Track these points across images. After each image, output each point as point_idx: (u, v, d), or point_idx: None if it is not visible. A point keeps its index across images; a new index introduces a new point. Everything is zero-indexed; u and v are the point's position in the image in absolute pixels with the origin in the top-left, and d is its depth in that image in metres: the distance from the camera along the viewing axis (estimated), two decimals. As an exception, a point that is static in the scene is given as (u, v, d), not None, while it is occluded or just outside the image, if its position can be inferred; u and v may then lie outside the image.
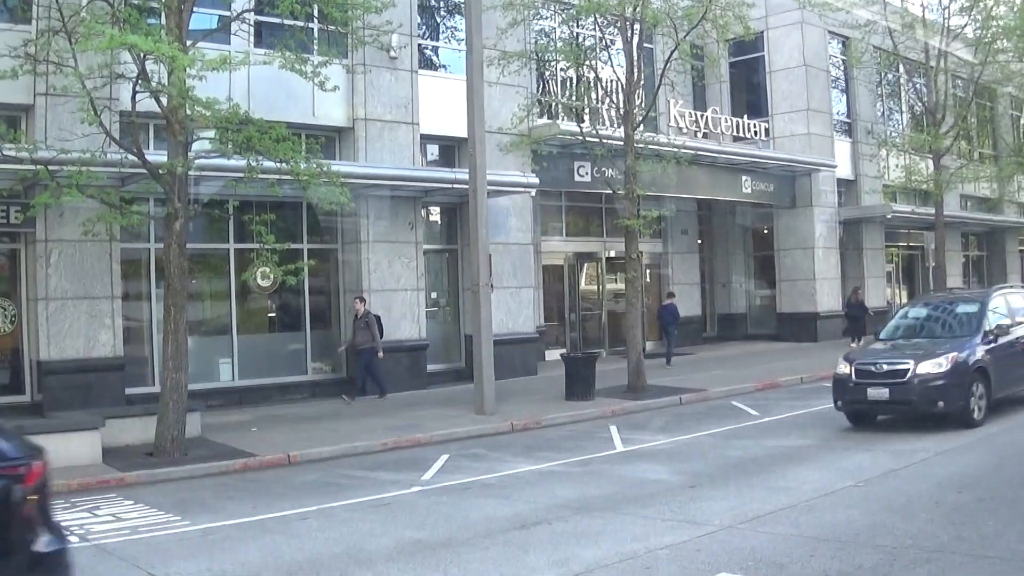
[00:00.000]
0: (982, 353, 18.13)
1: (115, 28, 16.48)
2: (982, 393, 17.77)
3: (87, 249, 21.26)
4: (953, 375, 17.37)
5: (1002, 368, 18.40)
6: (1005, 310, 19.80)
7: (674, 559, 10.18)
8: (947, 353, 17.74)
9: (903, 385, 17.49)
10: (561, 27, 31.65)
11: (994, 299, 20.03)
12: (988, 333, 18.63)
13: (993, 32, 35.85)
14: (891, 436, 17.22)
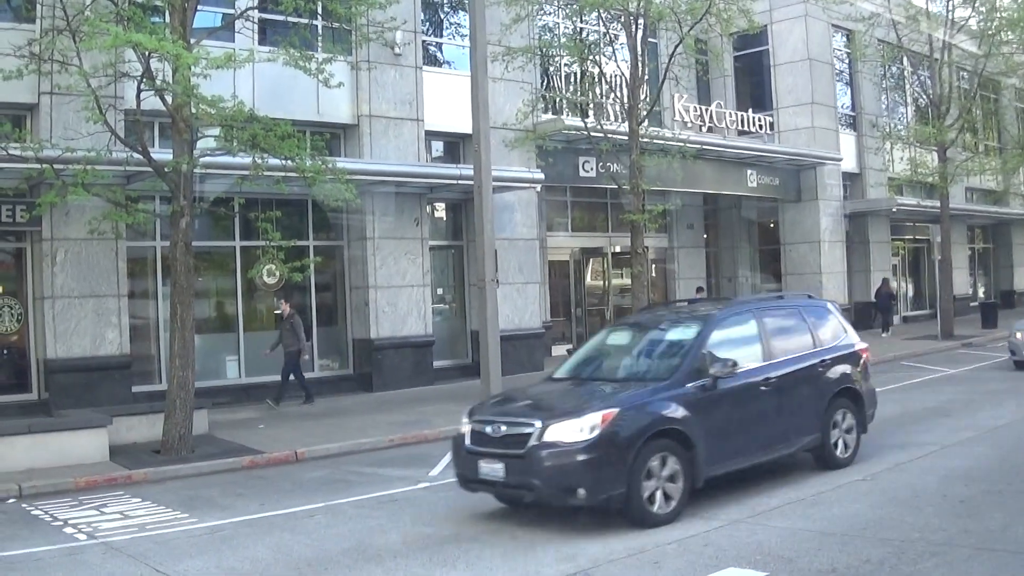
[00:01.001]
0: (678, 407, 11.93)
1: (119, 27, 16.49)
2: (673, 472, 11.66)
3: (93, 248, 21.28)
4: (606, 445, 11.24)
5: (720, 430, 12.34)
6: (745, 337, 13.66)
7: (682, 553, 10.19)
8: (600, 409, 11.57)
9: (522, 460, 11.45)
10: (565, 22, 31.61)
11: (727, 321, 13.78)
12: (701, 375, 12.37)
13: (997, 24, 35.75)
14: (896, 430, 17.18)
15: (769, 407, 13.29)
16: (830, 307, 15.91)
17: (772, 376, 13.39)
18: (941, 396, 21.33)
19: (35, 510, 13.91)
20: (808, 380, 14.02)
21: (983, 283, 52.45)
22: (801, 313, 14.85)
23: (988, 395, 21.09)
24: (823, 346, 14.55)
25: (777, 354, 13.77)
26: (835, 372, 14.47)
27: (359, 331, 26.08)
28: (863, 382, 14.99)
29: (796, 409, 13.66)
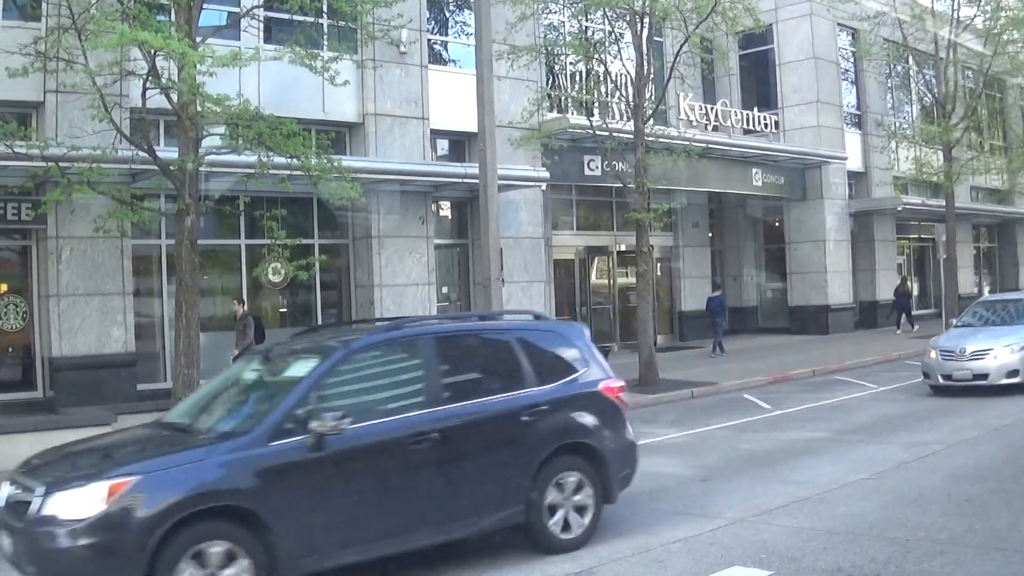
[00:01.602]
0: (243, 475, 8.86)
1: (125, 25, 16.49)
2: (238, 568, 8.59)
3: (98, 246, 21.29)
4: (113, 527, 8.26)
5: (329, 507, 9.23)
6: (399, 375, 10.66)
7: (687, 552, 10.19)
8: (112, 476, 8.55)
9: (21, 536, 8.65)
10: (570, 21, 31.64)
11: (366, 352, 10.36)
12: (297, 430, 9.20)
13: (1002, 23, 35.73)
14: (902, 429, 17.18)
15: (427, 472, 9.81)
16: (567, 332, 12.17)
17: (433, 429, 9.84)
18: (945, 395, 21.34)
19: (41, 508, 13.90)
20: (504, 433, 10.53)
21: (988, 282, 52.36)
22: (512, 341, 11.26)
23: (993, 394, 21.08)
24: (540, 386, 10.89)
25: (453, 398, 10.32)
26: (556, 422, 10.79)
27: (364, 329, 26.04)
28: (609, 435, 11.19)
29: (479, 474, 10.21)
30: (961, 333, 22.41)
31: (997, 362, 20.54)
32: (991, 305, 24.28)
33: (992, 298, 26.75)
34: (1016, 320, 22.27)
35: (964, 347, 21.08)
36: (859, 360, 28.43)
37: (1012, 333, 21.17)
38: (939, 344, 21.91)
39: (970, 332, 22.26)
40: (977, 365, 20.71)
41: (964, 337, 21.85)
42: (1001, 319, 22.74)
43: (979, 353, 20.82)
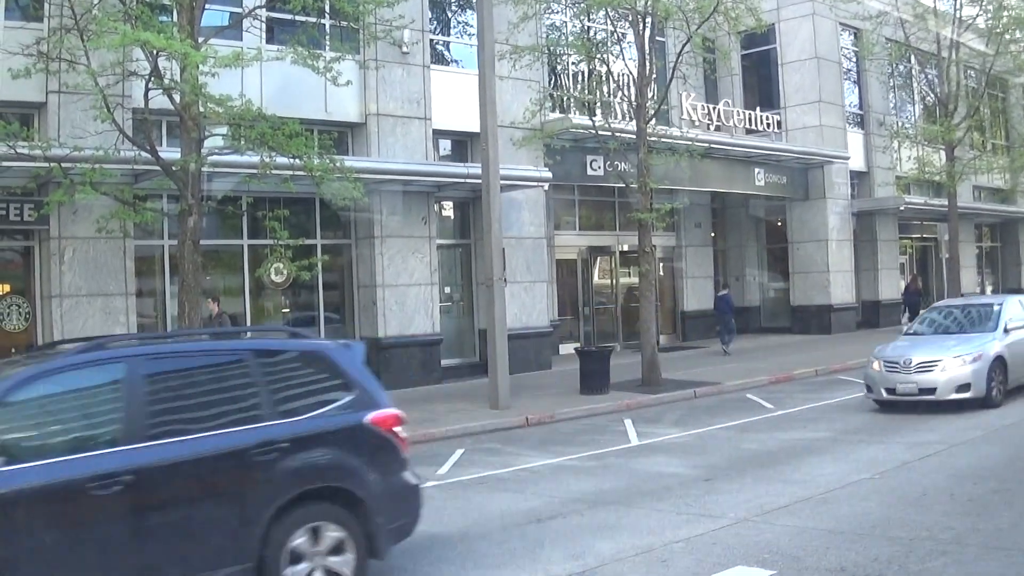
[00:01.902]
0: None
1: (127, 25, 16.51)
2: None
3: (101, 246, 21.30)
4: None
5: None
6: (74, 408, 8.60)
7: (690, 552, 10.19)
8: None
9: None
10: (572, 21, 31.64)
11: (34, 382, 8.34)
12: None
13: (1005, 22, 35.71)
14: (904, 429, 17.18)
15: (116, 523, 8.08)
16: (329, 355, 9.98)
17: (125, 471, 8.05)
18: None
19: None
20: (226, 475, 8.79)
21: (991, 281, 52.37)
22: (248, 366, 9.37)
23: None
24: (283, 419, 9.15)
25: (158, 434, 8.47)
26: (300, 461, 9.04)
27: (367, 329, 26.08)
28: (377, 477, 9.43)
29: (189, 525, 8.46)
30: (911, 342, 20.73)
31: (946, 375, 18.79)
32: (947, 311, 22.67)
33: (948, 303, 24.67)
34: (972, 328, 20.77)
35: (910, 358, 19.35)
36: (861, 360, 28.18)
37: (965, 343, 19.64)
38: (883, 354, 20.03)
39: (920, 341, 20.65)
40: (923, 378, 18.98)
41: (911, 347, 20.15)
42: (957, 326, 21.32)
43: (926, 365, 19.10)
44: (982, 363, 18.96)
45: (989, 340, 19.64)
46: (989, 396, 18.88)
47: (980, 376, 18.82)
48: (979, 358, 18.99)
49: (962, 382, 18.71)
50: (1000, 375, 19.33)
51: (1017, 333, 20.25)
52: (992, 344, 19.53)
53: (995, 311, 20.84)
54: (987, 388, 18.86)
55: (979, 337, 19.84)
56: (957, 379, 18.74)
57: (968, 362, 18.90)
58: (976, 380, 18.74)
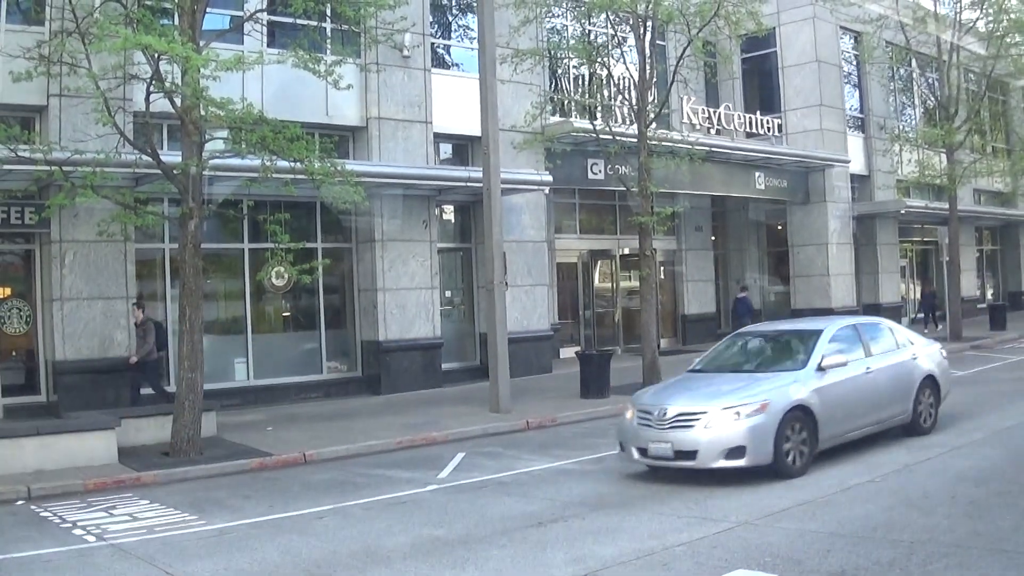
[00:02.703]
0: None
1: (129, 29, 16.52)
2: None
3: (102, 249, 21.32)
4: None
5: None
6: None
7: (691, 555, 10.18)
8: None
9: None
10: (573, 25, 31.65)
11: None
12: None
13: (1005, 26, 35.71)
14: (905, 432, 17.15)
15: None
16: None
17: None
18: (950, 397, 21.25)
19: (44, 512, 13.94)
20: None
21: (991, 285, 52.39)
22: None
23: (997, 396, 21.04)
24: None
25: None
26: None
27: (367, 333, 26.10)
28: None
29: None
30: (679, 384, 15.81)
31: (710, 433, 13.57)
32: (752, 339, 17.48)
33: (759, 328, 19.39)
34: (776, 364, 15.92)
35: (665, 408, 14.20)
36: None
37: (747, 387, 14.46)
38: (640, 400, 15.24)
39: (692, 382, 15.57)
40: (681, 437, 13.79)
41: (673, 391, 15.23)
42: (757, 362, 16.41)
43: (685, 418, 13.90)
44: (767, 417, 13.65)
45: (787, 383, 14.46)
46: (781, 462, 13.70)
47: (762, 435, 13.56)
48: (762, 409, 13.69)
49: (733, 444, 13.51)
50: (801, 432, 14.08)
51: (838, 373, 15.04)
52: (790, 389, 14.32)
53: (810, 341, 15.59)
54: (775, 451, 13.61)
55: (776, 378, 14.74)
56: (725, 439, 13.52)
57: (744, 415, 13.64)
58: (755, 441, 13.53)
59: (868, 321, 18.22)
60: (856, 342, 16.22)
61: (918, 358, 17.10)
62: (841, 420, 14.87)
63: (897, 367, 16.52)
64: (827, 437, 14.60)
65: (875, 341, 16.67)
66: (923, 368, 17.07)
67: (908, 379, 16.62)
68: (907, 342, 17.34)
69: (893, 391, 16.15)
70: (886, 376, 16.08)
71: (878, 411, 15.79)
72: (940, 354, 18.00)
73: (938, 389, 17.34)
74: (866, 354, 16.06)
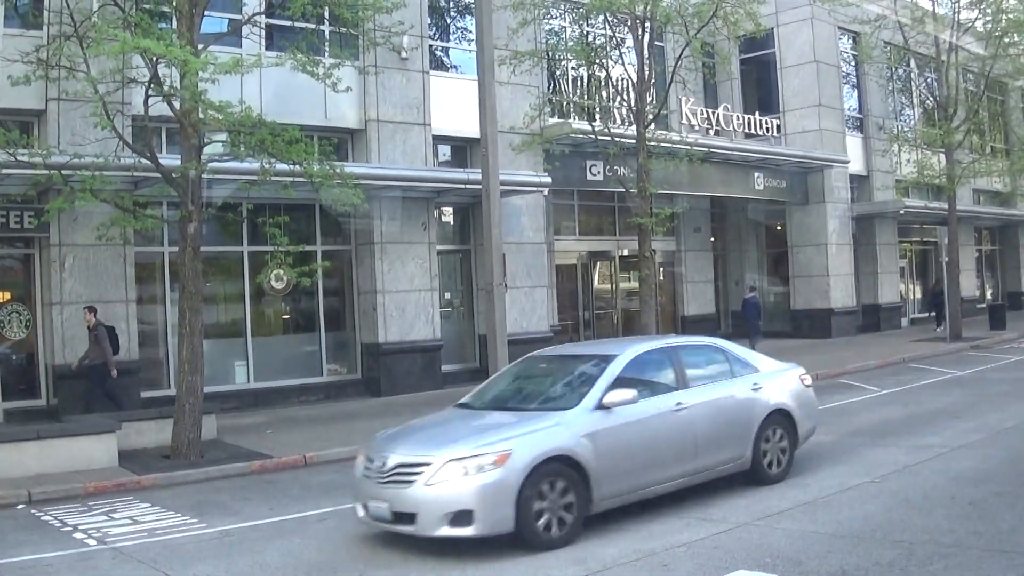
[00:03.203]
0: None
1: (127, 33, 16.54)
2: None
3: (101, 253, 21.32)
4: None
5: None
6: None
7: (692, 556, 10.19)
8: None
9: None
10: (572, 26, 31.67)
11: None
12: None
13: (1004, 26, 35.73)
14: (906, 432, 17.16)
15: None
16: None
17: None
18: (949, 398, 21.31)
19: (45, 516, 13.93)
20: None
21: (990, 285, 52.41)
22: None
23: (996, 397, 21.05)
24: None
25: None
26: None
27: (367, 335, 26.11)
28: None
29: None
30: (427, 422, 13.17)
31: (431, 492, 10.62)
32: (539, 365, 14.30)
33: (551, 352, 15.33)
34: (546, 400, 12.79)
35: (387, 455, 11.30)
36: (862, 363, 28.41)
37: (494, 431, 11.40)
38: (371, 444, 12.37)
39: (441, 421, 12.86)
40: (398, 495, 10.90)
41: (410, 432, 12.45)
42: (531, 396, 13.17)
43: (406, 471, 10.95)
44: (506, 472, 10.63)
45: (546, 427, 11.36)
46: (528, 530, 10.77)
47: (498, 495, 10.59)
48: (499, 462, 10.65)
49: (457, 507, 10.53)
50: (564, 492, 11.03)
51: (630, 411, 11.94)
52: (548, 435, 11.24)
53: (597, 371, 12.41)
54: (519, 517, 10.62)
55: (538, 420, 11.60)
56: (449, 500, 10.57)
57: (473, 470, 10.64)
58: (487, 503, 10.56)
59: (691, 343, 14.87)
60: (666, 370, 13.19)
61: (762, 388, 13.83)
62: (631, 473, 11.80)
63: (728, 401, 13.36)
64: (607, 496, 11.48)
65: (696, 368, 13.57)
66: (770, 401, 13.76)
67: (745, 415, 13.41)
68: (748, 368, 14.19)
69: (720, 431, 12.98)
70: (708, 413, 12.90)
71: (694, 458, 12.58)
72: (799, 381, 14.80)
73: (794, 426, 14.06)
74: (680, 385, 12.91)
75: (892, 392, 22.93)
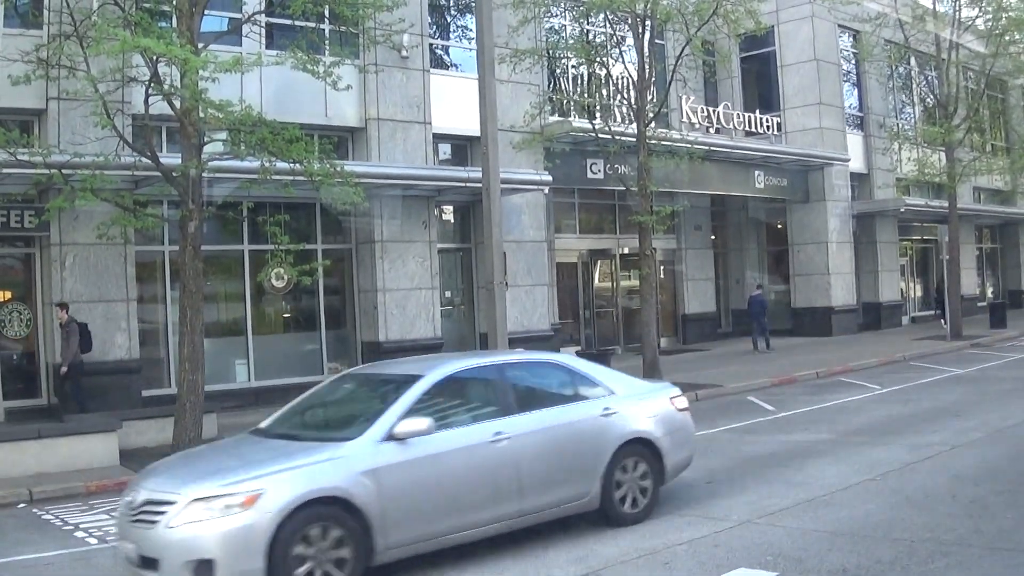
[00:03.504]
0: None
1: (127, 32, 16.53)
2: None
3: (102, 252, 21.32)
4: None
5: None
6: None
7: (693, 554, 10.19)
8: None
9: None
10: (572, 24, 31.66)
11: None
12: None
13: (1004, 24, 35.71)
14: (906, 430, 17.16)
15: None
16: None
17: None
18: (950, 396, 21.30)
19: (45, 515, 13.94)
20: None
21: (991, 283, 52.41)
22: None
23: (998, 395, 21.04)
24: None
25: None
26: None
27: (368, 334, 26.11)
28: None
29: None
30: (207, 450, 12.12)
31: (175, 535, 9.00)
32: (348, 385, 12.56)
33: (367, 370, 14.06)
34: (337, 428, 11.23)
35: (139, 491, 9.74)
36: (862, 362, 28.40)
37: (250, 465, 9.71)
38: (139, 474, 11.32)
39: (222, 450, 11.54)
40: (144, 536, 9.28)
41: (175, 463, 11.02)
42: (325, 422, 11.78)
43: (153, 508, 9.33)
44: (257, 515, 9.01)
45: (319, 461, 9.69)
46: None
47: (245, 544, 8.92)
48: (248, 504, 9.03)
49: (200, 555, 8.89)
50: (338, 542, 9.34)
51: (431, 443, 10.14)
52: (320, 471, 9.59)
53: (396, 395, 10.55)
54: (269, 570, 8.93)
55: (312, 451, 9.92)
56: (192, 548, 8.93)
57: (221, 511, 9.03)
58: (231, 553, 8.90)
59: (525, 360, 12.71)
60: (487, 393, 11.43)
61: (616, 413, 11.75)
62: (428, 518, 9.99)
63: (566, 429, 11.33)
64: (396, 544, 9.75)
65: (530, 390, 11.85)
66: (626, 428, 11.77)
67: (591, 445, 11.40)
68: (599, 390, 12.07)
69: (555, 465, 11.03)
70: (540, 443, 10.99)
71: (519, 498, 10.67)
72: (670, 404, 12.57)
73: (660, 457, 12.00)
74: (504, 411, 10.98)
75: (893, 390, 22.92)
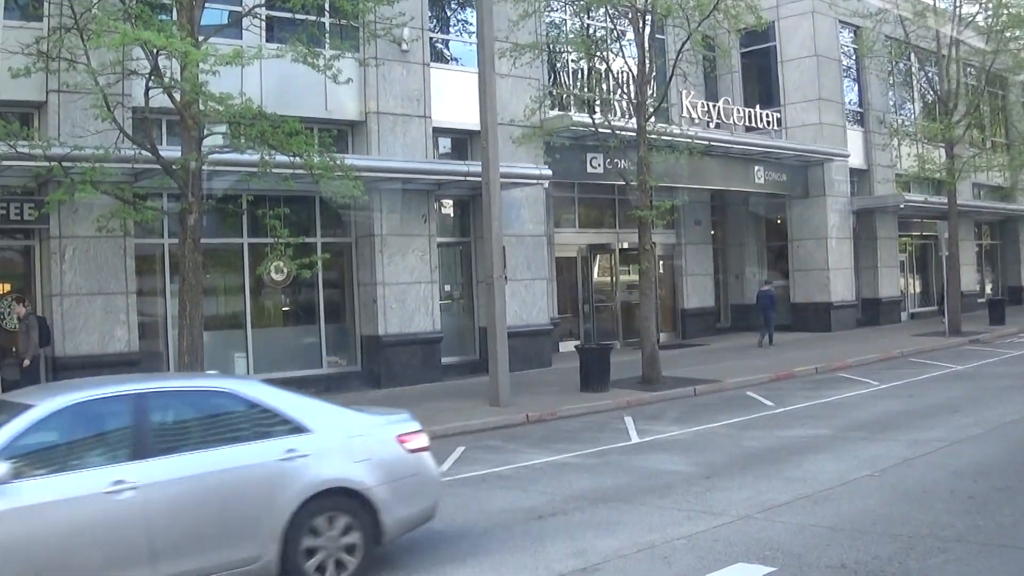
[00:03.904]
0: None
1: (127, 24, 16.52)
2: None
3: (101, 245, 21.30)
4: None
5: None
6: None
7: (691, 549, 10.20)
8: None
9: None
10: (572, 19, 31.64)
11: None
12: None
13: (1004, 20, 35.69)
14: (905, 426, 17.17)
15: None
16: None
17: None
18: (949, 392, 21.33)
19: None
20: None
21: (990, 279, 52.41)
22: None
23: (996, 391, 21.07)
24: None
25: None
26: None
27: (367, 327, 26.10)
28: None
29: None
30: None
31: None
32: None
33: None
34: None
35: None
36: (861, 357, 28.43)
37: None
38: None
39: None
40: None
41: None
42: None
43: None
44: None
45: None
46: None
47: None
48: None
49: None
50: None
51: (14, 496, 8.02)
52: None
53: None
54: None
55: None
56: None
57: None
58: None
59: (186, 388, 10.26)
60: (115, 431, 9.12)
61: (307, 456, 9.47)
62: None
63: (226, 476, 9.10)
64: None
65: (180, 427, 9.58)
66: (318, 475, 9.50)
67: (264, 496, 9.19)
68: (285, 427, 9.67)
69: (208, 523, 8.88)
70: (184, 495, 8.84)
71: (151, 566, 8.50)
72: (395, 443, 10.20)
73: (375, 512, 9.75)
74: (135, 455, 8.74)
75: (892, 386, 22.96)
